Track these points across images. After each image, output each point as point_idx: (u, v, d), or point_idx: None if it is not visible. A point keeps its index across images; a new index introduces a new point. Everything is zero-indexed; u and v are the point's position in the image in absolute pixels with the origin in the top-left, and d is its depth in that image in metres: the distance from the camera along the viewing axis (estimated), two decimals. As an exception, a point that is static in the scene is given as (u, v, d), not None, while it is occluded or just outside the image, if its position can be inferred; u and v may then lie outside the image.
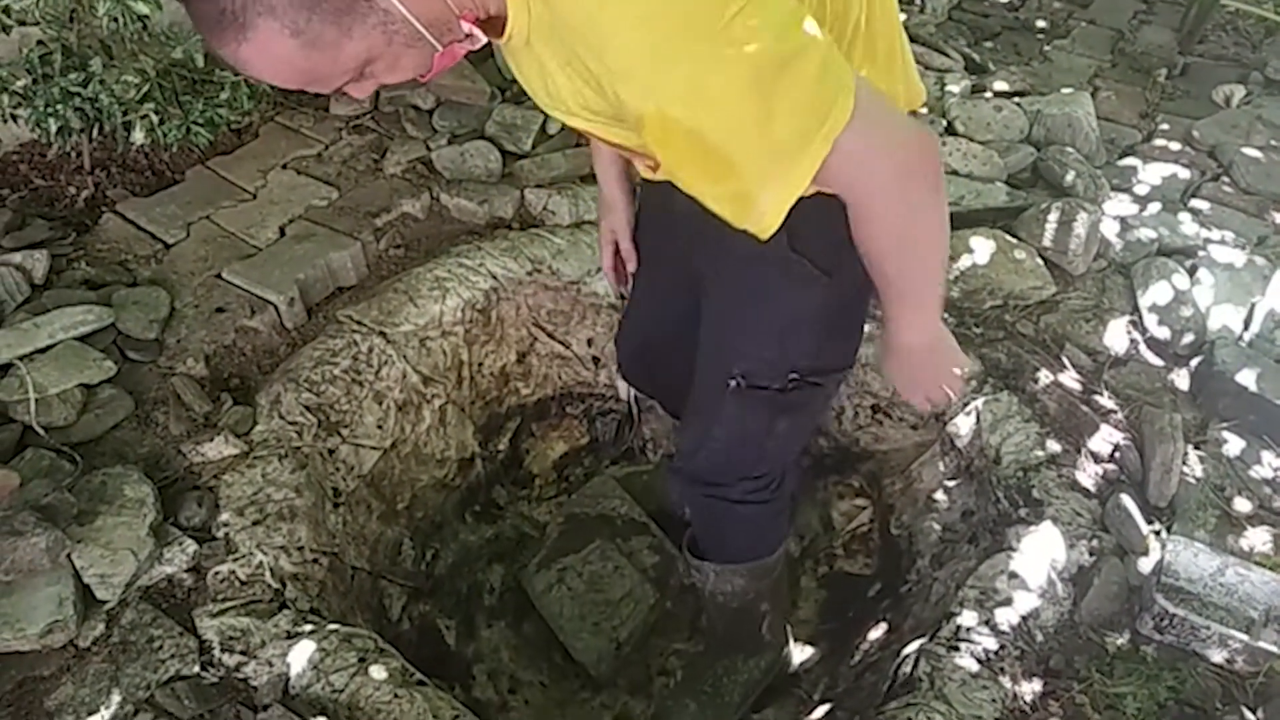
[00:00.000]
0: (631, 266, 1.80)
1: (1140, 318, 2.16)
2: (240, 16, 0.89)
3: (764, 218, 1.01)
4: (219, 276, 2.15)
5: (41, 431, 1.76)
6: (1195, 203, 2.52)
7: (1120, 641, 1.64)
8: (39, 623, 1.51)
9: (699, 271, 1.52)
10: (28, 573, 1.54)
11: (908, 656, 1.68)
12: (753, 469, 1.62)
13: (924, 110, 2.67)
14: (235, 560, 1.68)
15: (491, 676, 2.07)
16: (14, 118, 2.10)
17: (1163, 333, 2.11)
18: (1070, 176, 2.45)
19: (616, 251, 1.80)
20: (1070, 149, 2.55)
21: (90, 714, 1.47)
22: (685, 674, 2.00)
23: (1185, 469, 1.85)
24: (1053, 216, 2.26)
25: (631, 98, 0.95)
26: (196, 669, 1.54)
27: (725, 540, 1.80)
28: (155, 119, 2.12)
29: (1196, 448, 1.90)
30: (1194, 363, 2.06)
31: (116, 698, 1.49)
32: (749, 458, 1.61)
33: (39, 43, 2.12)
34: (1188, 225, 2.38)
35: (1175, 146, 2.74)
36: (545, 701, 2.06)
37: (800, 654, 2.09)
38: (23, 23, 2.07)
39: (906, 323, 1.27)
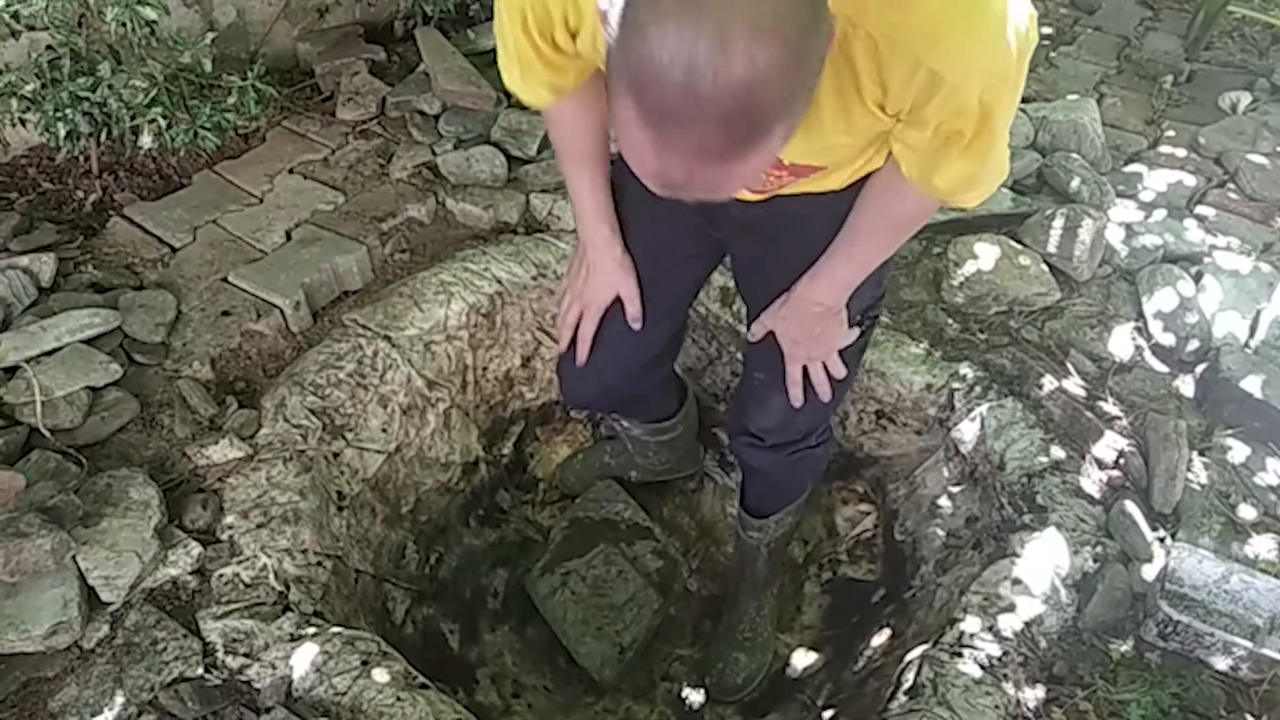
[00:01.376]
0: (636, 321, 1.67)
1: (1145, 324, 2.15)
2: (761, 121, 0.81)
3: (980, 191, 1.21)
4: (225, 280, 2.15)
5: (48, 434, 1.77)
6: (1201, 209, 2.51)
7: (1124, 648, 1.64)
8: (43, 624, 1.51)
9: (755, 253, 1.59)
10: (33, 574, 1.54)
11: (911, 663, 1.67)
12: (835, 410, 1.75)
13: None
14: (239, 563, 1.68)
15: (495, 681, 2.07)
16: (23, 122, 2.11)
17: (1168, 339, 2.10)
18: (1075, 183, 2.45)
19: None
20: (1076, 155, 2.55)
21: (94, 715, 1.47)
22: (723, 631, 2.10)
23: (1190, 476, 1.85)
24: (1058, 223, 2.26)
25: (959, 92, 1.03)
26: (200, 671, 1.54)
27: (791, 486, 1.93)
28: (163, 123, 2.13)
29: (1201, 454, 1.90)
30: (1199, 369, 2.06)
31: (120, 699, 1.49)
32: (839, 401, 1.70)
33: (48, 48, 2.13)
34: (1193, 232, 2.38)
35: (1181, 153, 2.74)
36: (549, 706, 2.06)
37: (804, 659, 2.09)
38: (31, 28, 2.08)
39: (828, 283, 1.45)
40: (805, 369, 1.60)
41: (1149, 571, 1.70)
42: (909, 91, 1.02)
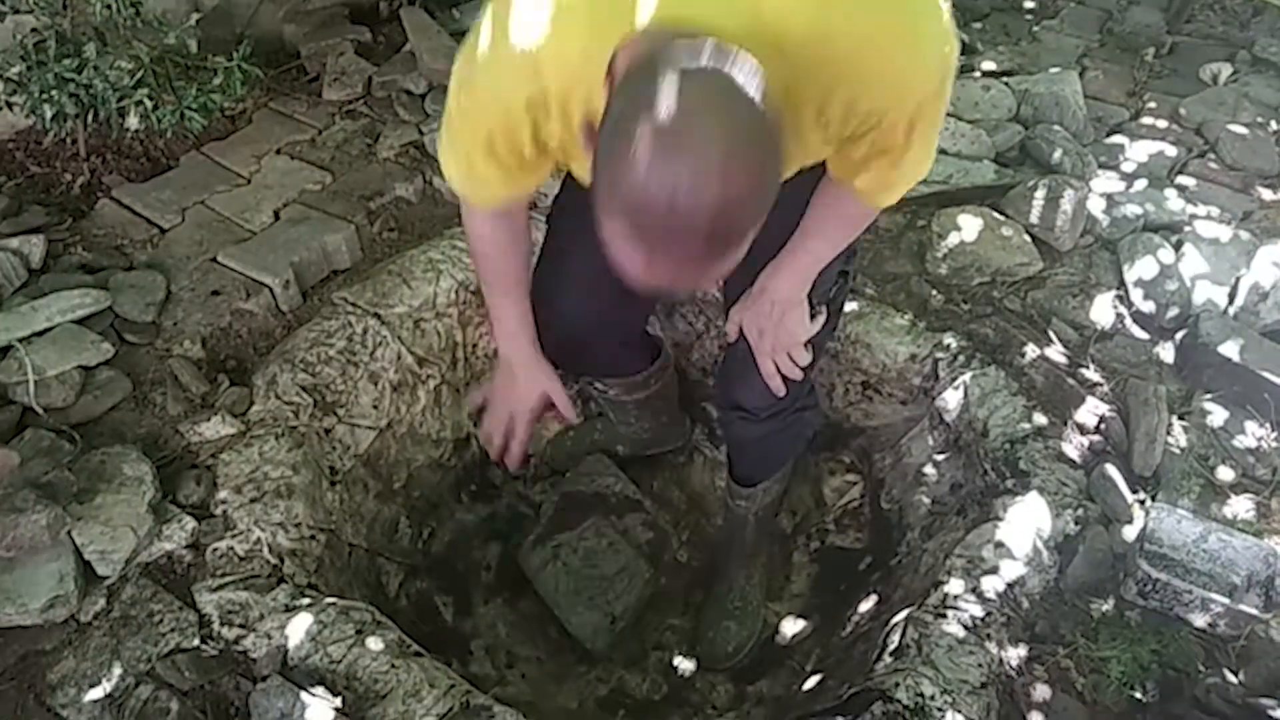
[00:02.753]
0: (570, 417, 1.77)
1: (1126, 292, 2.18)
2: (737, 232, 0.94)
3: (896, 195, 1.36)
4: (214, 260, 2.17)
5: (41, 412, 1.79)
6: (1181, 179, 2.54)
7: (1105, 607, 1.67)
8: (40, 598, 1.54)
9: None
10: (29, 549, 1.56)
11: (896, 625, 1.70)
12: (817, 368, 1.79)
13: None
14: (233, 537, 1.70)
15: (489, 651, 2.10)
16: (9, 105, 2.11)
17: (1148, 307, 2.13)
18: (1058, 154, 2.47)
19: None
20: (1058, 127, 2.57)
21: (92, 686, 1.49)
22: (713, 600, 2.13)
23: (1170, 439, 1.88)
24: (1040, 194, 2.28)
25: (890, 121, 1.16)
26: (196, 642, 1.56)
27: (779, 452, 1.98)
28: (149, 105, 2.13)
29: (1181, 419, 1.93)
30: (1179, 336, 2.09)
31: (118, 670, 1.51)
32: (817, 364, 1.75)
33: (33, 30, 2.13)
34: (1174, 201, 2.41)
35: (1162, 124, 2.76)
36: (542, 676, 2.09)
37: (793, 627, 2.12)
38: (16, 10, 2.09)
39: (789, 276, 1.53)
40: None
41: (1129, 533, 1.73)
42: (848, 126, 1.16)
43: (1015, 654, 1.61)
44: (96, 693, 1.49)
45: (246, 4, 2.75)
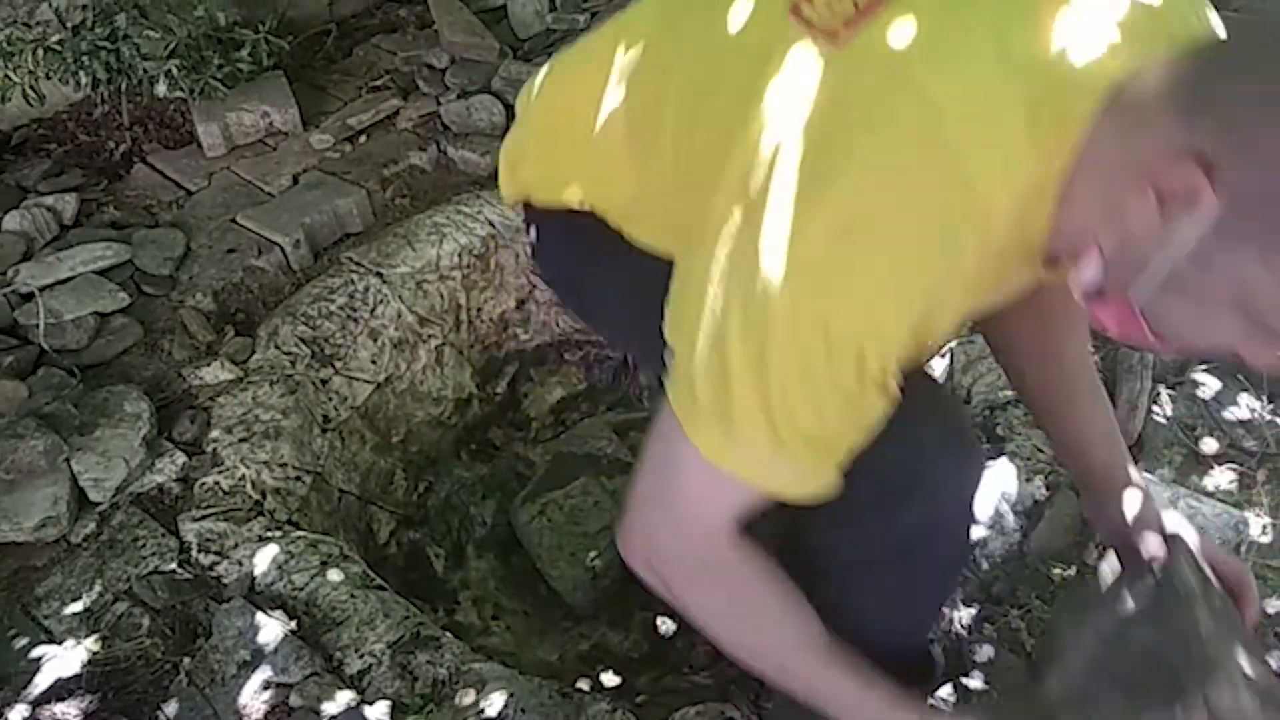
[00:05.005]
0: None
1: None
2: None
3: None
4: (233, 221, 2.29)
5: (51, 351, 1.92)
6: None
7: (1068, 573, 1.64)
8: (34, 518, 1.65)
9: None
10: (27, 473, 1.69)
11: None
12: None
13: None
14: (220, 472, 1.80)
15: (476, 603, 2.15)
16: (48, 75, 2.27)
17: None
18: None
19: None
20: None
21: (74, 600, 1.60)
22: None
23: (1156, 408, 1.83)
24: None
25: None
26: (173, 566, 1.66)
27: None
28: (177, 73, 2.27)
29: (1171, 389, 1.87)
30: (1178, 306, 2.02)
31: (99, 588, 1.62)
32: None
33: (82, 7, 2.28)
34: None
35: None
36: (526, 629, 2.14)
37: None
38: (61, -15, 2.24)
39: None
40: None
41: (1098, 499, 1.69)
42: None
43: (967, 613, 1.60)
44: (77, 606, 1.59)
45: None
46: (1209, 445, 1.78)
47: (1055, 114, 0.75)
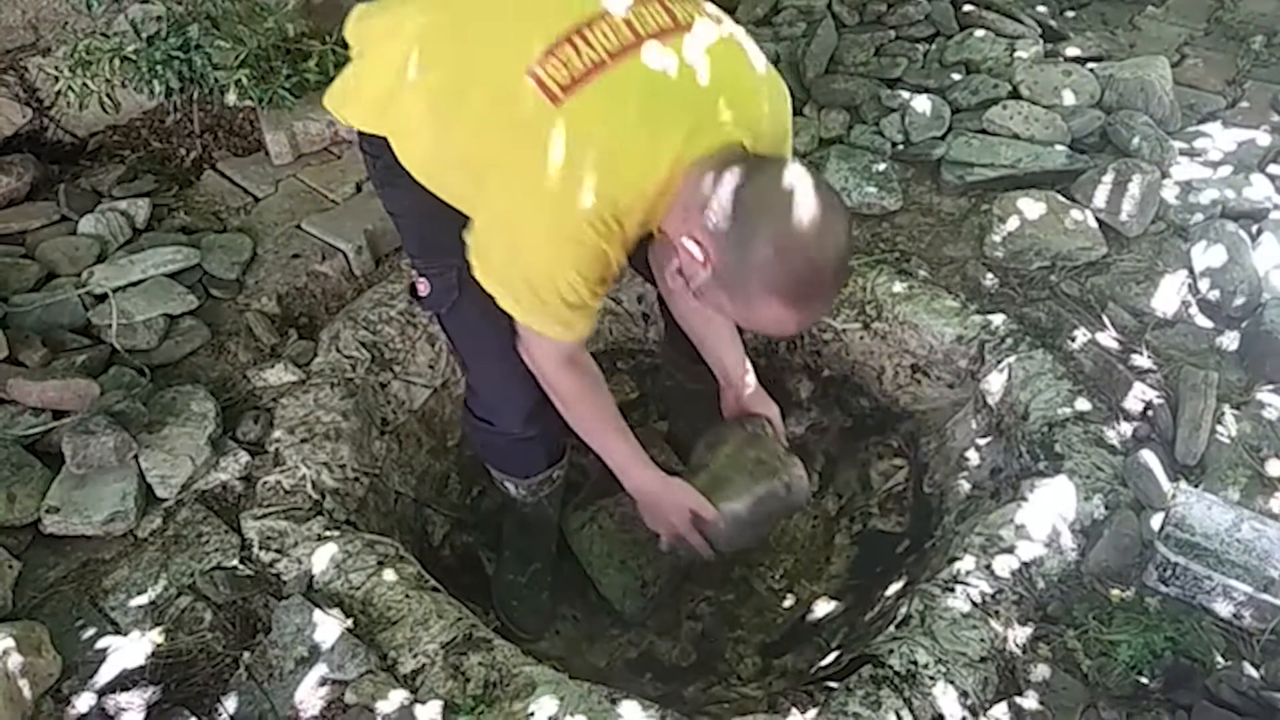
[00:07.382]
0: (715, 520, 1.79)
1: (1194, 280, 2.08)
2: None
3: None
4: (298, 227, 2.34)
5: (123, 352, 1.98)
6: (1273, 168, 2.39)
7: (1126, 594, 1.61)
8: (104, 512, 1.71)
9: None
10: (98, 469, 1.74)
11: (906, 598, 1.69)
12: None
13: (986, 74, 2.63)
14: (282, 472, 1.84)
15: (527, 608, 2.17)
16: (124, 83, 2.34)
17: (1215, 295, 2.03)
18: (1136, 140, 2.37)
19: None
20: (1142, 114, 2.47)
21: (139, 593, 1.65)
22: None
23: (1220, 428, 1.79)
24: (1107, 178, 2.20)
25: None
26: (235, 562, 1.70)
27: None
28: (247, 83, 2.33)
29: (1236, 409, 1.83)
30: (1244, 324, 1.98)
31: (163, 582, 1.67)
32: None
33: (157, 18, 2.36)
34: (1258, 189, 2.27)
35: (1259, 113, 2.60)
36: (575, 634, 2.15)
37: (825, 607, 2.12)
38: (143, -1, 2.32)
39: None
40: None
41: (1158, 520, 1.66)
42: None
43: (1022, 632, 1.58)
44: (143, 599, 1.64)
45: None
46: (1275, 467, 1.74)
47: (672, 158, 1.31)
